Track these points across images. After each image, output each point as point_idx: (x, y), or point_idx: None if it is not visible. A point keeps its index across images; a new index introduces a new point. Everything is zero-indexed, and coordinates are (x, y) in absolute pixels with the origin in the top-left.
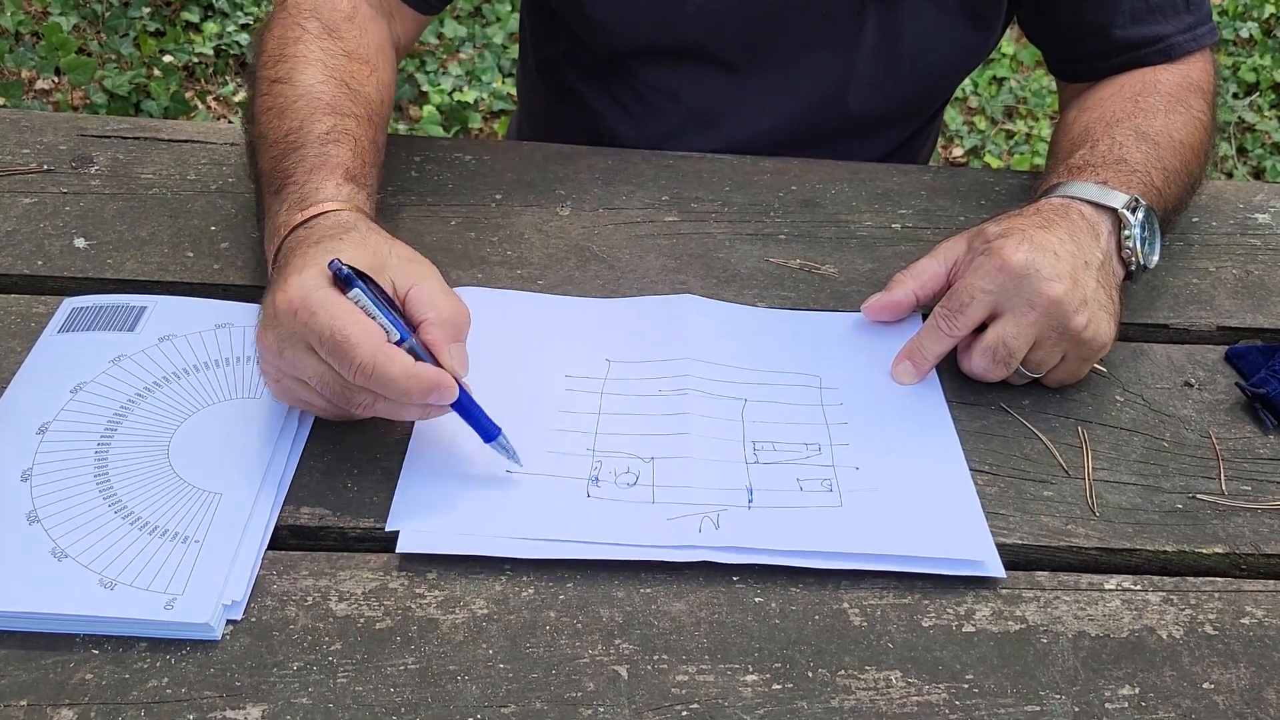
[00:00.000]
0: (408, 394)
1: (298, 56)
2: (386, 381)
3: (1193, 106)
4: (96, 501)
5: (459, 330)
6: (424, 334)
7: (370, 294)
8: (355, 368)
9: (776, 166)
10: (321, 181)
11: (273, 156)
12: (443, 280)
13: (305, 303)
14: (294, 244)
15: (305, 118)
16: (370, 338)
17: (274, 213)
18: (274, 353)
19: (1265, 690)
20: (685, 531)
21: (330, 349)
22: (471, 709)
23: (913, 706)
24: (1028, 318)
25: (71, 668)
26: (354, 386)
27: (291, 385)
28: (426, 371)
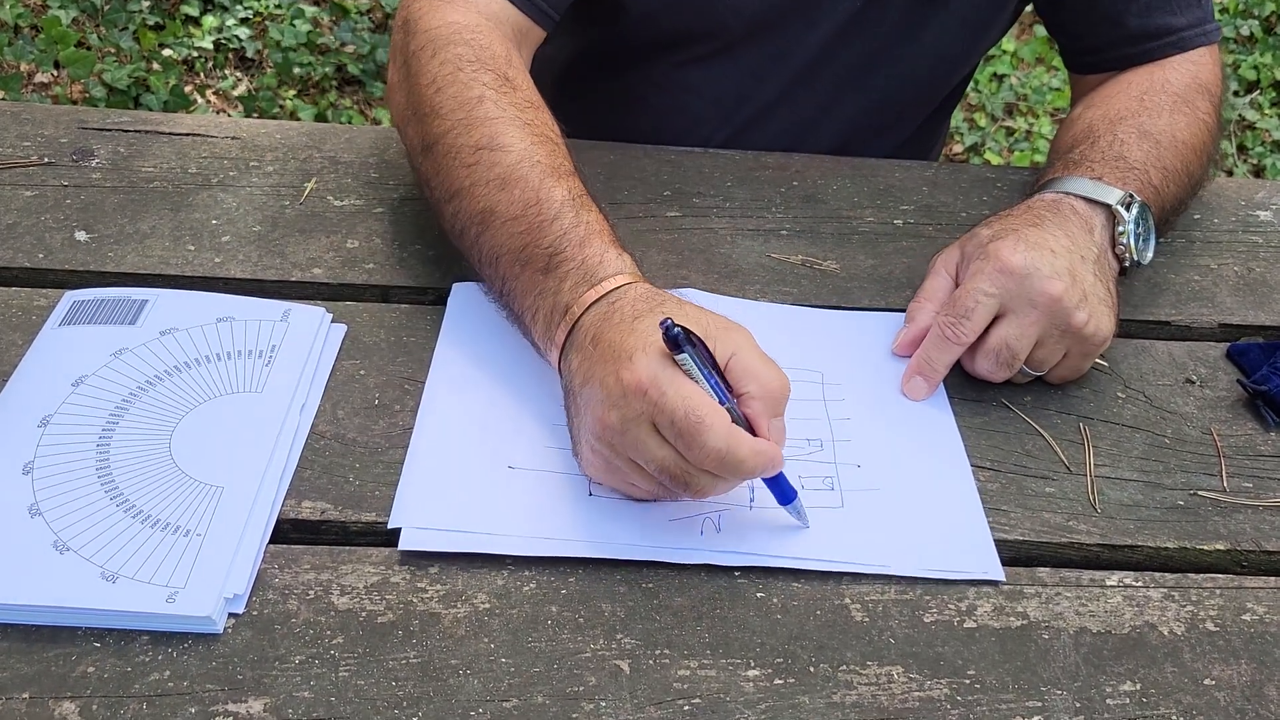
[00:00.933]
0: (751, 472)
1: (493, 118)
2: (738, 463)
3: (1199, 108)
4: (98, 494)
5: (779, 405)
6: (745, 406)
7: (697, 360)
8: (708, 452)
9: (778, 162)
10: (602, 254)
11: (520, 231)
12: (759, 349)
13: (655, 382)
14: (602, 320)
15: (538, 186)
16: (723, 421)
17: (550, 290)
18: (617, 432)
19: (1266, 687)
20: (687, 534)
21: (682, 431)
22: (473, 703)
23: (914, 702)
24: (1030, 318)
25: (73, 660)
26: (695, 471)
27: (623, 468)
28: (767, 449)
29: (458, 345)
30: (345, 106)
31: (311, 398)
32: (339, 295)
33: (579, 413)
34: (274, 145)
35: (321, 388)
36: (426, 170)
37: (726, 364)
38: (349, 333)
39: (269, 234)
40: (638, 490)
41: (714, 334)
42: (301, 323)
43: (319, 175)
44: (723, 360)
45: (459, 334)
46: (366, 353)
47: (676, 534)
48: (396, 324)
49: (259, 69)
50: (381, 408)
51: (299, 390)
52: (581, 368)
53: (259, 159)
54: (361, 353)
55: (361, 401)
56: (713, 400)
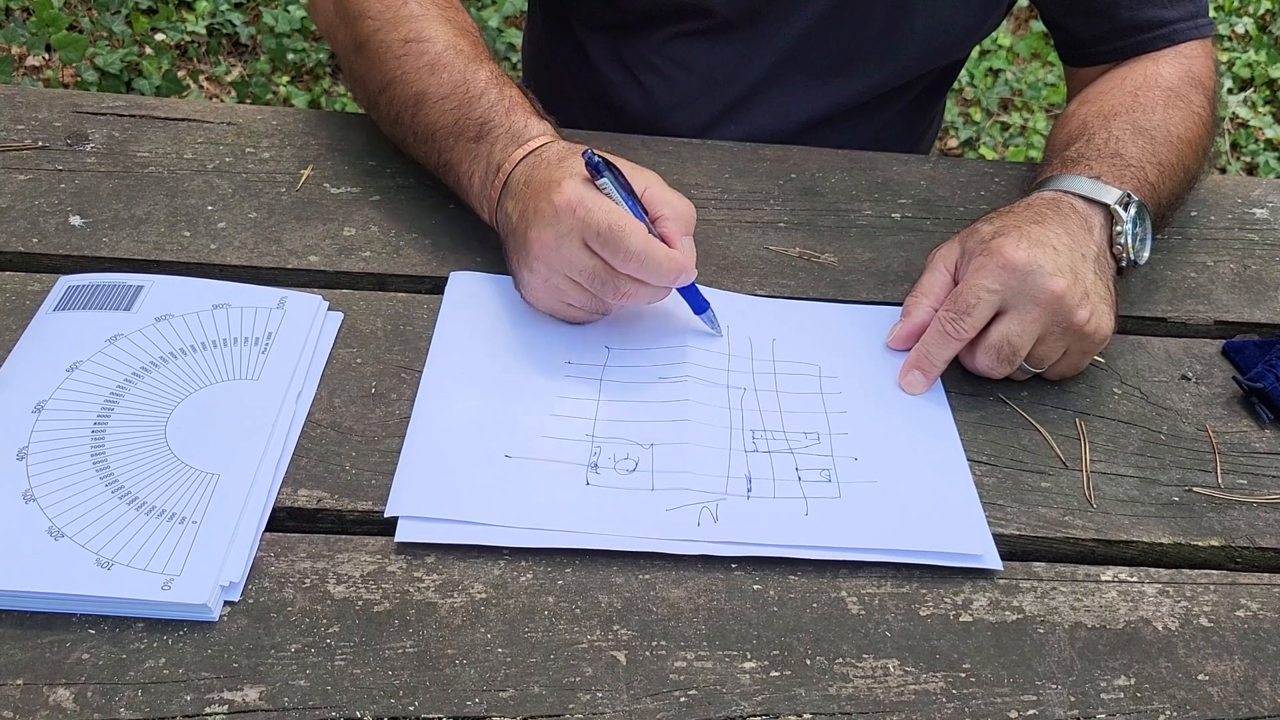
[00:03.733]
0: (667, 275)
1: (417, 16)
2: (655, 264)
3: (1193, 102)
4: (93, 481)
5: (689, 224)
6: (661, 226)
7: (616, 183)
8: (630, 254)
9: (776, 154)
10: (525, 120)
11: (451, 108)
12: (666, 185)
13: (582, 201)
14: (532, 169)
15: (463, 69)
16: (639, 229)
17: (483, 154)
18: (551, 248)
19: (1259, 682)
20: (684, 524)
21: (606, 240)
22: (469, 692)
23: (910, 695)
24: (1031, 314)
25: (68, 647)
26: (620, 275)
27: (559, 284)
28: (679, 256)
29: (454, 334)
30: (339, 93)
31: (308, 386)
32: (335, 283)
33: (518, 246)
34: (270, 131)
35: (318, 376)
36: (359, 67)
37: (642, 194)
38: (345, 321)
39: (265, 221)
40: (573, 310)
41: (629, 171)
42: (298, 310)
43: (315, 162)
44: (639, 190)
45: (456, 323)
46: (363, 341)
47: (673, 524)
48: (393, 312)
49: (252, 55)
50: (378, 396)
51: (295, 378)
52: (517, 207)
53: (255, 145)
54: (358, 341)
55: (358, 390)
56: (631, 215)
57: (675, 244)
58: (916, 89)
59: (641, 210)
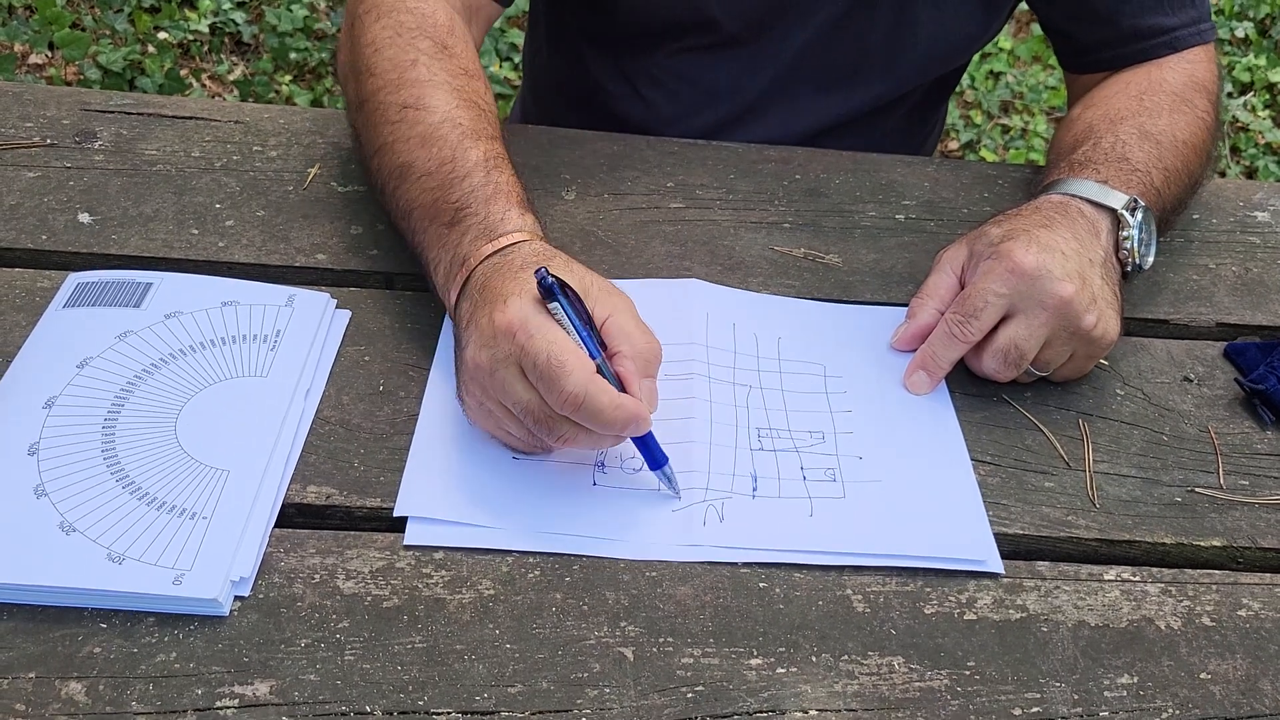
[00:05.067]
0: (612, 424)
1: (423, 81)
2: (595, 411)
3: (1197, 106)
4: (104, 476)
5: (650, 366)
6: (617, 365)
7: (569, 310)
8: (566, 396)
9: (780, 155)
10: (504, 211)
11: (433, 186)
12: (638, 315)
13: (524, 325)
14: (492, 270)
15: (455, 145)
16: (584, 367)
17: (452, 243)
18: (486, 372)
19: (1260, 681)
20: (690, 524)
21: (543, 373)
22: (478, 688)
23: (915, 692)
24: (1039, 318)
25: (80, 641)
26: (557, 416)
27: (494, 410)
28: (629, 404)
29: None
30: (341, 93)
31: (316, 383)
32: (343, 281)
33: (460, 361)
34: (277, 130)
35: (326, 373)
36: (358, 125)
37: (604, 324)
38: (353, 319)
39: (273, 219)
40: (511, 438)
41: (594, 294)
42: (306, 308)
43: (322, 161)
44: (600, 320)
45: None
46: (371, 339)
47: (679, 524)
48: (401, 311)
49: (255, 54)
50: (386, 394)
51: (304, 375)
52: (466, 312)
53: (262, 144)
54: (366, 339)
55: (366, 387)
56: (579, 349)
57: (632, 388)
58: (919, 96)
59: (597, 344)
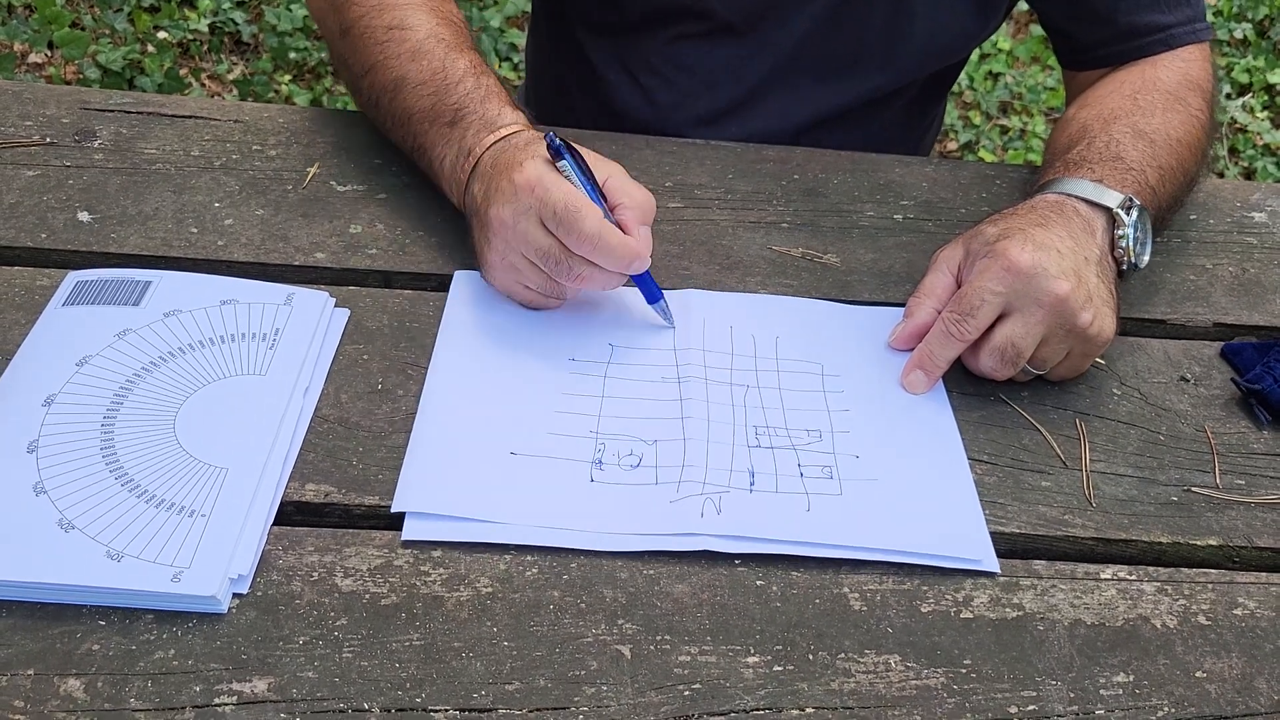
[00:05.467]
0: (621, 259)
1: (400, 4)
2: (609, 248)
3: (1191, 105)
4: (103, 474)
5: (647, 215)
6: (619, 214)
7: (576, 167)
8: (584, 236)
9: (779, 155)
10: (500, 108)
11: (429, 93)
12: (629, 177)
13: (541, 181)
14: (499, 153)
15: (443, 57)
16: (595, 212)
17: (455, 139)
18: (509, 226)
19: (1256, 680)
20: (687, 515)
21: (562, 219)
22: (476, 685)
23: (911, 690)
24: (1035, 317)
25: (78, 638)
26: (574, 256)
27: (515, 262)
28: (634, 242)
29: (459, 332)
30: (340, 92)
31: (315, 381)
32: (342, 280)
33: (480, 225)
34: (277, 129)
35: (325, 371)
36: (344, 51)
37: (604, 183)
38: (352, 317)
39: (272, 218)
40: (529, 292)
41: (592, 160)
42: (305, 306)
43: (322, 160)
44: (600, 180)
45: (461, 320)
46: (369, 337)
47: (677, 516)
48: (399, 309)
49: (254, 53)
50: (384, 392)
51: (302, 373)
52: (482, 188)
53: (262, 143)
54: (364, 337)
55: (364, 386)
56: (589, 198)
57: (632, 232)
58: (916, 90)
59: (601, 197)
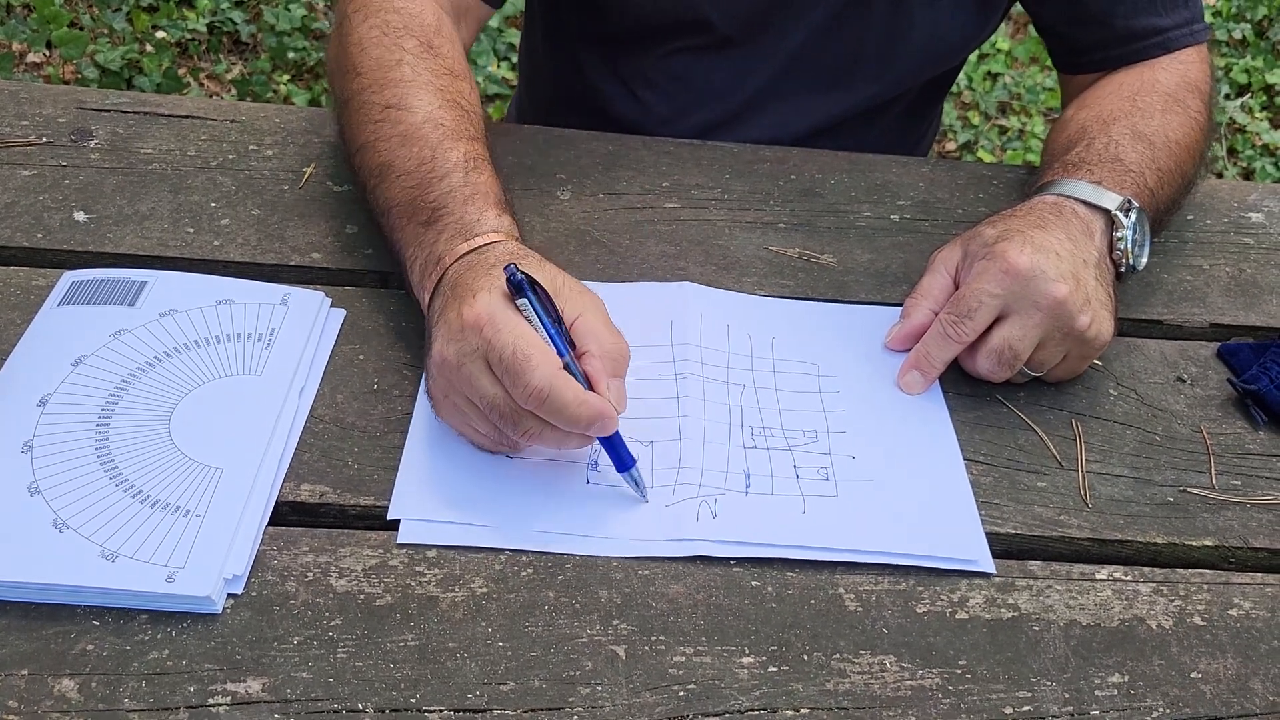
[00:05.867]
0: (577, 421)
1: (406, 80)
2: (560, 407)
3: (1190, 107)
4: (98, 474)
5: (619, 366)
6: (585, 364)
7: (538, 307)
8: (531, 390)
9: (776, 155)
10: (481, 212)
11: (411, 186)
12: (607, 315)
13: (491, 319)
14: (464, 269)
15: (435, 145)
16: (549, 362)
17: (428, 242)
18: (453, 367)
19: (1251, 680)
20: (683, 519)
21: (509, 367)
22: (470, 686)
23: (906, 690)
24: (1033, 319)
25: (72, 638)
26: (522, 412)
27: (460, 405)
28: (595, 401)
29: None
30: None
31: (310, 381)
32: (338, 280)
33: (428, 355)
34: (273, 129)
35: (320, 372)
36: (342, 122)
37: (573, 324)
38: (348, 317)
39: (268, 218)
40: (478, 435)
41: (565, 294)
42: (301, 306)
43: (318, 160)
44: (569, 319)
45: None
46: (365, 338)
47: (672, 520)
48: (395, 310)
49: (253, 53)
50: (380, 393)
51: (298, 374)
52: (437, 309)
53: (258, 143)
54: (360, 338)
55: (360, 386)
56: (545, 345)
57: (599, 387)
58: (913, 96)
59: (565, 342)
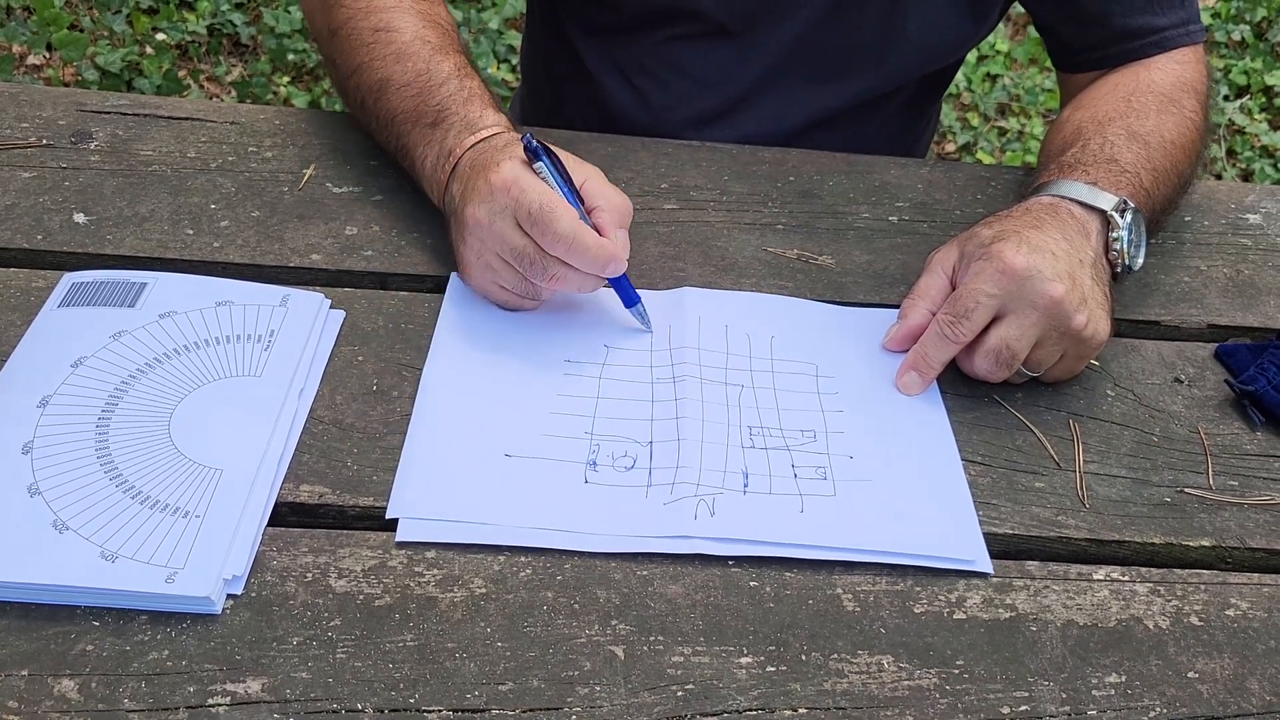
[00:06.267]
0: (596, 261)
1: (389, 7)
2: (582, 249)
3: (1185, 107)
4: (98, 475)
5: (624, 218)
6: (595, 217)
7: (554, 170)
8: (558, 236)
9: (775, 157)
10: (481, 110)
11: (412, 95)
12: (607, 180)
13: (517, 181)
14: (479, 154)
15: (428, 59)
16: (570, 213)
17: (437, 140)
18: (484, 226)
19: (1248, 680)
20: (681, 517)
21: (536, 219)
22: (469, 686)
23: (904, 690)
24: (1030, 319)
25: (72, 639)
26: (549, 257)
27: (490, 262)
28: (609, 245)
29: (455, 333)
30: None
31: (310, 383)
32: (337, 281)
33: (457, 224)
34: (273, 131)
35: (320, 373)
36: (332, 52)
37: (581, 185)
38: (347, 319)
39: (268, 219)
40: (505, 292)
41: (571, 163)
42: (300, 308)
43: (318, 161)
44: (578, 182)
45: (456, 322)
46: (365, 339)
47: (670, 518)
48: (395, 311)
49: (253, 55)
50: (379, 394)
51: (298, 375)
52: (460, 188)
53: (258, 144)
54: (360, 339)
55: (360, 387)
56: (564, 199)
57: (608, 234)
58: (910, 92)
59: (578, 199)
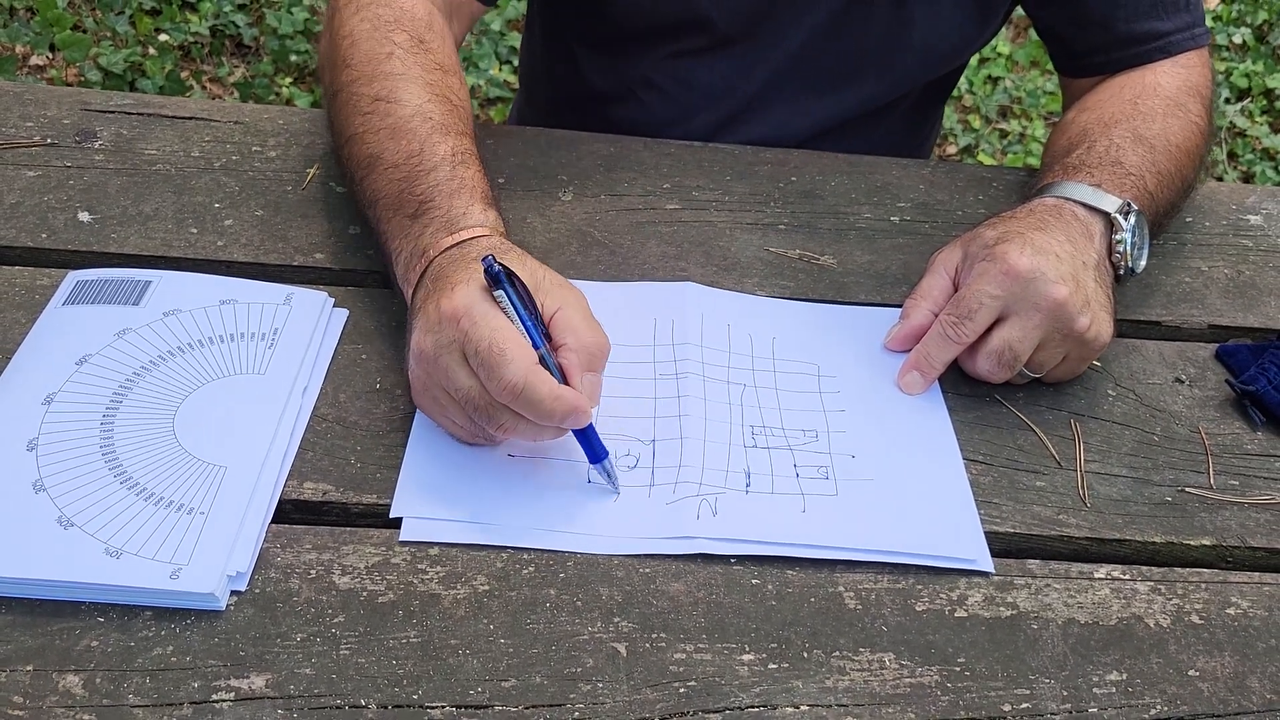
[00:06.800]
0: (550, 415)
1: (396, 74)
2: (534, 401)
3: (1190, 111)
4: (102, 472)
5: (596, 361)
6: (561, 357)
7: (515, 299)
8: (505, 384)
9: (777, 157)
10: (466, 206)
11: (399, 178)
12: (589, 310)
13: (469, 312)
14: (448, 261)
15: (424, 139)
16: (524, 356)
17: (414, 235)
18: (430, 358)
19: (1248, 678)
20: (683, 517)
21: (484, 360)
22: (472, 682)
23: (905, 688)
24: (1033, 321)
25: (77, 635)
26: (497, 405)
27: (438, 396)
28: (570, 395)
29: None
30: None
31: (314, 381)
32: (341, 280)
33: (408, 345)
34: (276, 130)
35: (323, 371)
36: (331, 114)
37: (552, 317)
38: (351, 317)
39: (271, 218)
40: (454, 426)
41: (545, 288)
42: (304, 306)
43: (321, 161)
44: (549, 313)
45: None
46: (368, 337)
47: (673, 518)
48: (398, 310)
49: (255, 56)
50: (383, 392)
51: (301, 373)
52: (419, 300)
53: (261, 144)
54: (363, 337)
55: (363, 385)
56: (522, 338)
57: (573, 381)
58: (915, 98)
59: (542, 335)
